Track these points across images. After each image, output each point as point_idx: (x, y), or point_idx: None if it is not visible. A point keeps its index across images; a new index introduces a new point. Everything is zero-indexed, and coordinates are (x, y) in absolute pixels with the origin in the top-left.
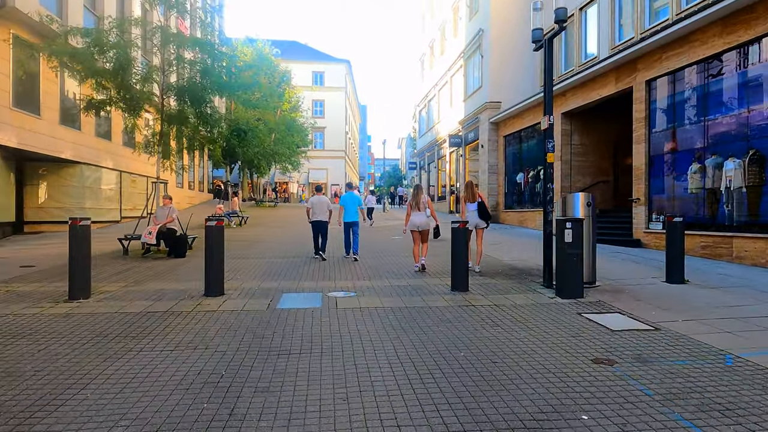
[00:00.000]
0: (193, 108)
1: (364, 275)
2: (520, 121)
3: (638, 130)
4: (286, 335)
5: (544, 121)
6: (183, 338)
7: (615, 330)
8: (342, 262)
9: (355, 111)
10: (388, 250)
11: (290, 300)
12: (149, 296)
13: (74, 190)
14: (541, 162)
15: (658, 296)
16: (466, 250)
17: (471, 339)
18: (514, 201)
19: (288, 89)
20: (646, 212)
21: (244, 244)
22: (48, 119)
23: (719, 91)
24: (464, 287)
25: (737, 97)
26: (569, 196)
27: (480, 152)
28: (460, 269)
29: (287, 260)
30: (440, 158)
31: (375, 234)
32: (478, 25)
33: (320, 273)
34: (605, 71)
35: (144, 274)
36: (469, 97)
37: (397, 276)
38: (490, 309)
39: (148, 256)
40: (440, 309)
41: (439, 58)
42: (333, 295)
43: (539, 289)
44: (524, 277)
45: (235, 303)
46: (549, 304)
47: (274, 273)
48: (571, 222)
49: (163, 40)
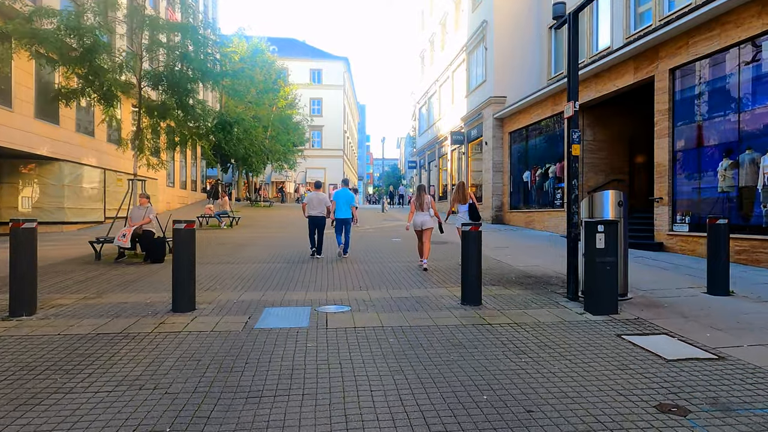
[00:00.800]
0: (174, 98)
1: (361, 283)
2: (526, 116)
3: (660, 123)
4: (260, 368)
5: (568, 108)
6: (129, 373)
7: (670, 359)
8: (337, 268)
9: (354, 110)
10: (387, 254)
11: (273, 317)
12: (107, 312)
13: (52, 188)
14: (550, 159)
15: (705, 312)
16: (479, 258)
17: (493, 373)
18: (520, 201)
19: (284, 86)
20: (669, 213)
21: (232, 247)
22: (21, 113)
23: (756, 78)
24: (476, 300)
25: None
26: (597, 194)
27: (483, 150)
28: (472, 279)
29: (276, 265)
30: (441, 157)
31: (374, 235)
32: (482, 16)
33: (312, 281)
34: (622, 61)
35: (111, 282)
36: (472, 92)
37: (398, 284)
38: (511, 329)
39: (122, 261)
40: (450, 329)
41: (439, 53)
42: (324, 310)
43: (563, 303)
44: (542, 287)
45: (205, 321)
46: (579, 322)
47: (259, 281)
48: (603, 225)
49: (136, 23)
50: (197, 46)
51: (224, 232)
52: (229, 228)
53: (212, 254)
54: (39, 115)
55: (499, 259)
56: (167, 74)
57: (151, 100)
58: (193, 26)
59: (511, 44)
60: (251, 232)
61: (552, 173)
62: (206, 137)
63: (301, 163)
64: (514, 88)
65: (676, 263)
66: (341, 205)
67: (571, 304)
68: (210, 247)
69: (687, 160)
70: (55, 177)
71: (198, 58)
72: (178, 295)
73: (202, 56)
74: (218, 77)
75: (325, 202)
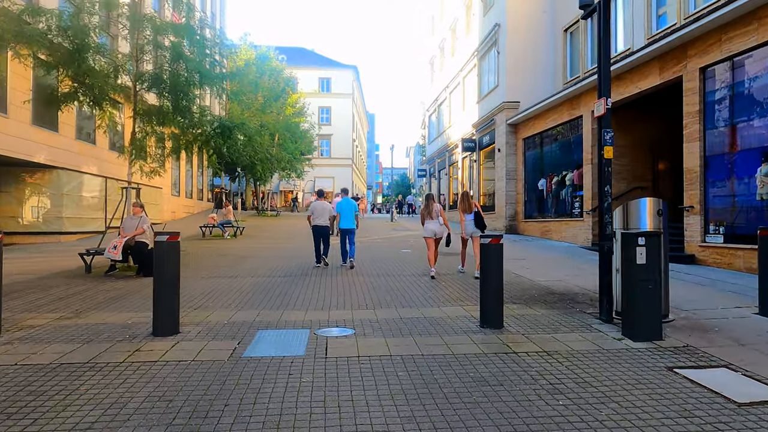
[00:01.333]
0: (169, 100)
1: (367, 300)
2: (541, 121)
3: (690, 126)
4: (242, 413)
5: (599, 106)
6: (82, 419)
7: (742, 403)
8: (341, 282)
9: (363, 118)
10: (396, 266)
11: (265, 342)
12: (79, 335)
13: (50, 197)
14: (567, 166)
15: (764, 338)
16: (500, 275)
17: (527, 422)
18: (535, 210)
19: (291, 93)
20: (701, 222)
21: (233, 258)
22: (17, 118)
23: None
24: (498, 323)
25: None
26: (633, 203)
27: (496, 157)
28: (493, 299)
29: (277, 279)
30: (452, 165)
31: (382, 246)
32: (494, 19)
33: (313, 297)
34: (646, 61)
35: (94, 299)
36: (484, 98)
37: (408, 301)
38: (541, 359)
39: (113, 274)
40: (470, 359)
41: (450, 59)
42: (324, 333)
43: (596, 325)
44: (569, 306)
45: (187, 348)
46: (619, 351)
47: (257, 297)
48: (644, 237)
49: (132, 23)
50: (194, 46)
51: (227, 242)
52: (233, 238)
53: (211, 266)
54: (36, 121)
55: (517, 273)
56: (161, 76)
57: (149, 104)
58: (190, 25)
59: (524, 47)
60: (255, 242)
61: (569, 181)
62: (208, 143)
63: (309, 172)
64: (527, 93)
65: (713, 278)
66: (346, 216)
67: (606, 328)
68: (210, 259)
69: (720, 165)
70: (54, 185)
71: (194, 59)
72: (159, 318)
73: (200, 57)
74: (217, 79)
75: (329, 211)
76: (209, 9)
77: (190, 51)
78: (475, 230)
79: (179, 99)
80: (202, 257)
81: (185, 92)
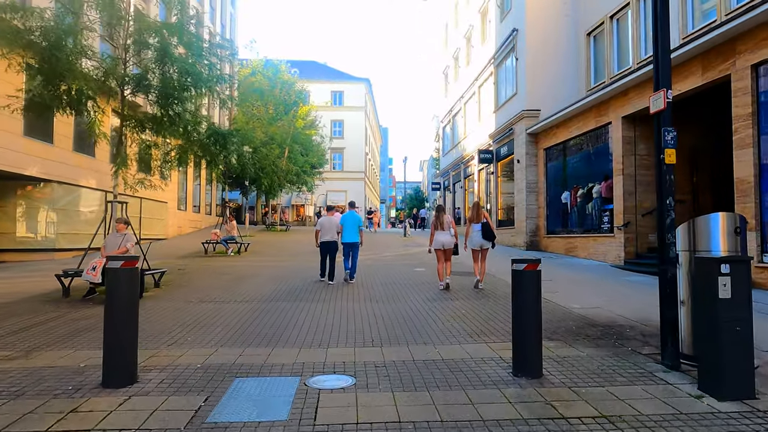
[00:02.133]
0: (159, 105)
1: (374, 334)
2: (564, 130)
3: (741, 130)
4: None
5: (658, 100)
6: None
7: None
8: (345, 308)
9: (376, 132)
10: (408, 288)
11: (240, 398)
12: (13, 385)
13: (44, 213)
14: (593, 177)
15: None
16: (538, 310)
17: None
18: (558, 224)
19: (302, 105)
20: (758, 240)
21: (231, 279)
22: (8, 129)
23: None
24: (536, 371)
25: None
26: (701, 219)
27: (515, 168)
28: (529, 339)
29: (274, 305)
30: (467, 177)
31: (394, 264)
32: (511, 25)
33: (311, 328)
34: (686, 60)
35: (57, 331)
36: (501, 107)
37: (422, 334)
38: (602, 430)
39: (93, 298)
40: (504, 426)
41: (464, 69)
42: (316, 384)
43: (660, 373)
44: (617, 343)
45: (139, 406)
46: (703, 416)
47: (246, 328)
48: (730, 264)
49: (114, 18)
50: (186, 46)
51: (229, 260)
52: (237, 255)
53: (206, 288)
54: (29, 132)
55: (546, 297)
56: (147, 77)
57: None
58: (180, 23)
59: (545, 53)
60: (259, 260)
61: (596, 193)
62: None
63: (320, 186)
64: (548, 101)
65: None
66: (349, 229)
67: (674, 377)
68: (206, 279)
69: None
70: (48, 200)
71: (184, 59)
72: (110, 365)
73: (194, 58)
74: (210, 82)
75: (337, 226)
76: (219, 20)
77: (185, 52)
78: (484, 242)
79: (169, 104)
80: (199, 277)
81: (175, 96)
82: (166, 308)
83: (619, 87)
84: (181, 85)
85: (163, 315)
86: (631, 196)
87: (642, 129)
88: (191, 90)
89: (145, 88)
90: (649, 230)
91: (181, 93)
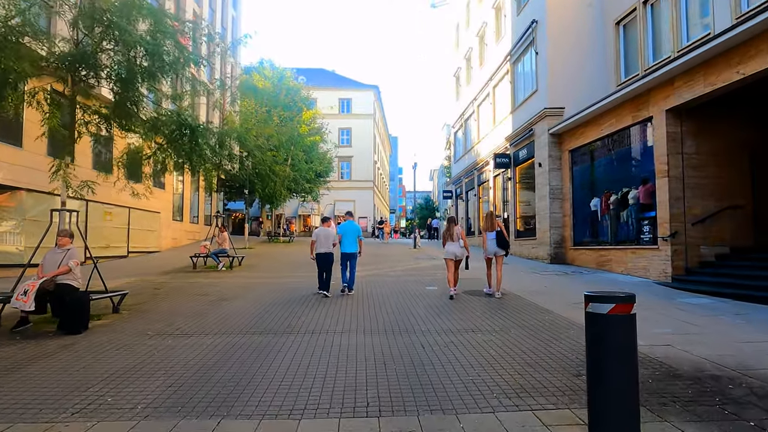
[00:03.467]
0: (113, 92)
1: (370, 389)
2: (594, 129)
3: None
4: None
5: None
6: None
7: None
8: (338, 344)
9: (385, 140)
10: (419, 313)
11: None
12: None
13: (10, 224)
14: (629, 181)
15: None
16: (634, 376)
17: None
18: (587, 235)
19: (306, 110)
20: None
21: (210, 301)
22: None
23: None
24: None
25: None
26: None
27: (537, 173)
28: (616, 420)
29: (251, 339)
30: (481, 184)
31: (403, 280)
32: (530, 16)
33: (286, 380)
34: (750, 37)
35: None
36: (519, 107)
37: (438, 396)
38: None
39: (25, 329)
40: None
41: (477, 70)
42: None
43: None
44: (724, 410)
45: None
46: None
47: (193, 382)
48: None
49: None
50: (141, 16)
51: (218, 276)
52: (228, 270)
53: (175, 314)
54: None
55: None
56: (83, 53)
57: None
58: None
59: (568, 45)
60: (251, 276)
61: (633, 199)
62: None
63: (327, 195)
64: (572, 97)
65: None
66: (347, 239)
67: None
68: (182, 301)
69: None
70: (14, 210)
71: (143, 39)
72: None
73: (150, 37)
74: (174, 66)
75: (333, 237)
76: (219, 22)
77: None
78: (498, 250)
79: (127, 89)
80: (173, 299)
81: (131, 81)
82: (109, 345)
83: (662, 75)
84: (135, 66)
85: (97, 356)
86: (678, 201)
87: (690, 124)
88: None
89: (92, 68)
90: (701, 241)
91: (135, 75)
